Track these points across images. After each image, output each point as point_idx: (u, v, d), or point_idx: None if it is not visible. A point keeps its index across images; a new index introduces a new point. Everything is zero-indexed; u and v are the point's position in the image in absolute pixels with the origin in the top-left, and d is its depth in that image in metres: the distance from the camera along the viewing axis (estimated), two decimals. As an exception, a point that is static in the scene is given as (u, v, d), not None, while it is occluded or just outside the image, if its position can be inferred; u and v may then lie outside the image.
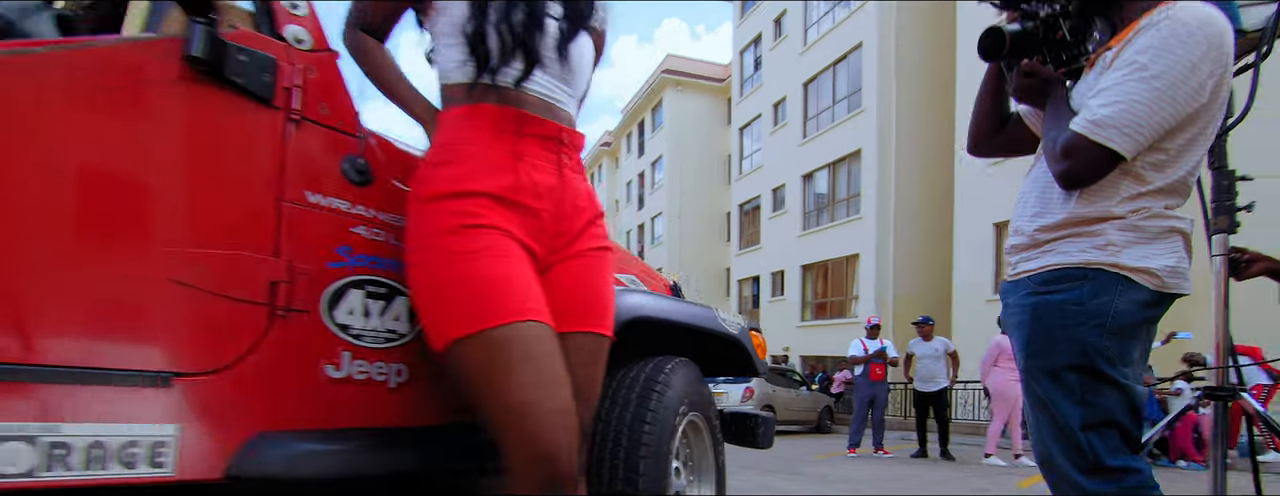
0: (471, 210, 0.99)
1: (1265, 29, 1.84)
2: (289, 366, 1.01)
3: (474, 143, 1.04)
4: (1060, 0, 1.34)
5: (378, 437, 1.10)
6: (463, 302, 0.95)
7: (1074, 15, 1.35)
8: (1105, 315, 1.17)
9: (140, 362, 0.88)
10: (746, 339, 1.85)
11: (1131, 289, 1.17)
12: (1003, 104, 1.55)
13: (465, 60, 1.05)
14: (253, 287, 0.96)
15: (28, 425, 0.80)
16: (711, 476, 1.81)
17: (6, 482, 0.79)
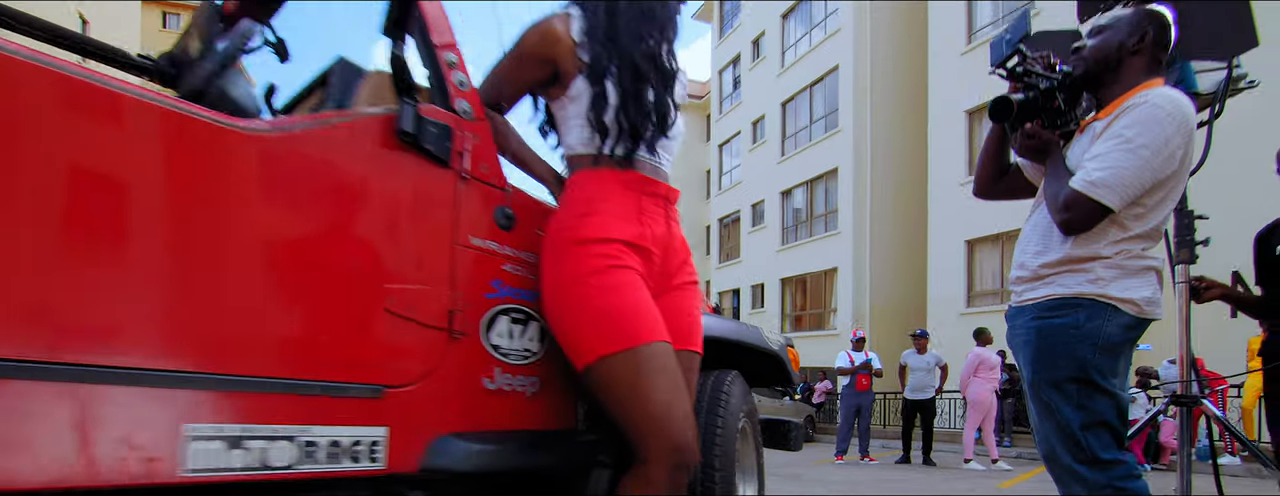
0: (613, 254, 1.23)
1: (1217, 92, 2.19)
2: (459, 380, 1.24)
3: (608, 199, 1.28)
4: (1057, 77, 1.64)
5: (521, 438, 1.33)
6: (611, 327, 1.20)
7: (1068, 89, 1.65)
8: (1097, 336, 1.46)
9: (364, 377, 1.10)
10: (784, 355, 2.11)
11: (1117, 315, 1.46)
12: (1004, 157, 1.84)
13: (592, 137, 1.30)
14: (437, 315, 1.19)
15: (290, 428, 1.02)
16: (754, 477, 2.06)
17: (274, 474, 1.00)
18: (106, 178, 0.87)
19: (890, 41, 15.54)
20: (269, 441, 0.98)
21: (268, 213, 1.02)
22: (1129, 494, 1.44)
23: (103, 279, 0.85)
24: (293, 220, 1.04)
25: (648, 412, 1.18)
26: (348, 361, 1.09)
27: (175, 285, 0.91)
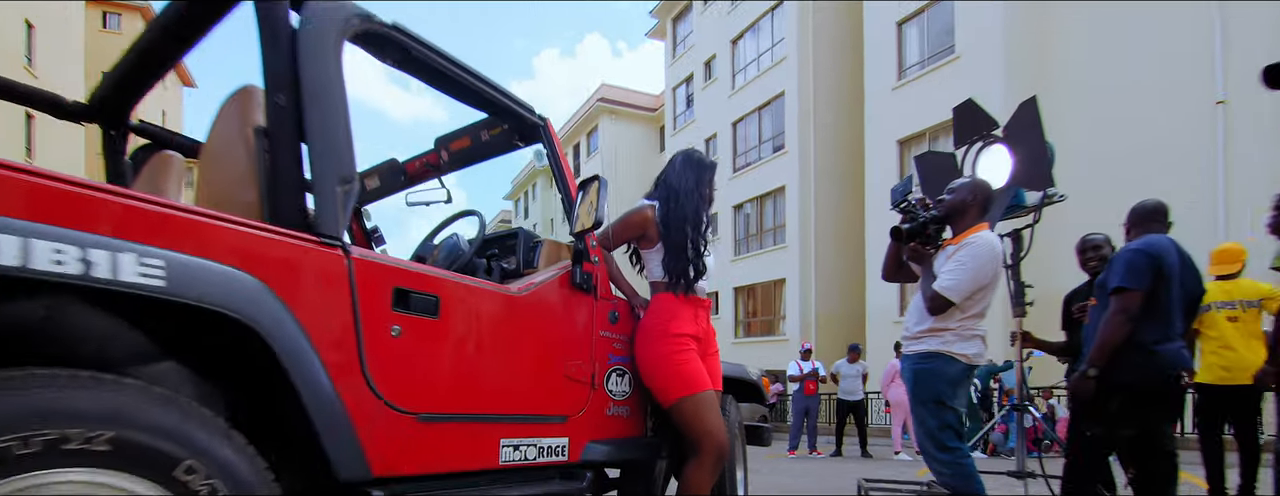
0: (687, 343, 2.24)
1: (1037, 206, 3.35)
2: (596, 411, 2.21)
3: (680, 312, 2.28)
4: (929, 215, 2.73)
5: (624, 442, 2.31)
6: (686, 381, 2.19)
7: (936, 223, 2.74)
8: (946, 375, 2.54)
9: (559, 411, 2.07)
10: (760, 383, 3.15)
11: (956, 363, 2.55)
12: (899, 259, 2.93)
13: (665, 275, 2.30)
14: (586, 376, 2.17)
15: (532, 439, 1.97)
16: (742, 465, 3.09)
17: (528, 463, 1.95)
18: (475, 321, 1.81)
19: (831, 73, 16.99)
20: (527, 446, 1.94)
21: (520, 328, 1.97)
22: (963, 468, 2.53)
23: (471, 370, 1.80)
24: (529, 331, 2.00)
25: (706, 429, 2.18)
26: (553, 403, 2.05)
27: (494, 369, 1.86)
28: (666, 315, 2.28)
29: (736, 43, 20.26)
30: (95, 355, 1.15)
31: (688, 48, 23.32)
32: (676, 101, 24.58)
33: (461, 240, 2.33)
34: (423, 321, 1.63)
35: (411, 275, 1.63)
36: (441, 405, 1.68)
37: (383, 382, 1.50)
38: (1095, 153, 11.02)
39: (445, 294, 1.70)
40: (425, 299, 1.64)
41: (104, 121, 2.15)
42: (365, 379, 1.46)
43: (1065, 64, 11.97)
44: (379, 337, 1.51)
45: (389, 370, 1.52)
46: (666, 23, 24.82)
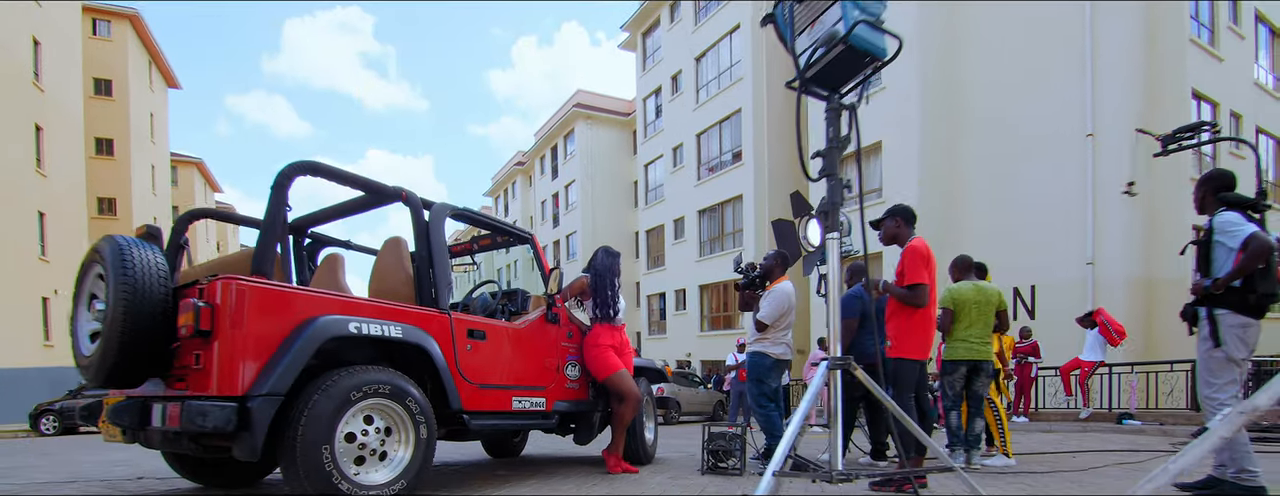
0: (607, 348, 4.19)
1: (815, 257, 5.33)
2: (561, 384, 4.14)
3: (603, 333, 4.22)
4: (757, 276, 4.70)
5: (578, 402, 4.24)
6: (607, 367, 4.13)
7: (760, 279, 4.71)
8: (764, 365, 4.53)
9: (540, 384, 4.00)
10: (662, 370, 5.10)
11: (769, 357, 4.53)
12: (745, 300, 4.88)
13: (597, 315, 4.25)
14: (556, 367, 4.10)
15: (531, 399, 3.90)
16: (653, 420, 5.05)
17: (530, 409, 3.89)
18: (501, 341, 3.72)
19: (782, 93, 18.97)
20: (525, 400, 3.87)
21: (522, 343, 3.90)
22: (771, 420, 4.51)
23: (499, 364, 3.72)
24: (526, 344, 3.92)
25: (624, 389, 4.14)
26: (537, 380, 3.98)
27: (510, 364, 3.78)
28: (596, 334, 4.23)
29: (700, 60, 22.13)
30: (368, 360, 3.05)
31: (657, 62, 25.11)
32: (646, 111, 26.38)
33: (486, 297, 4.23)
34: (479, 343, 3.54)
35: (473, 322, 3.54)
36: (487, 380, 3.59)
37: (464, 370, 3.40)
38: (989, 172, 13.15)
39: (487, 328, 3.61)
40: (479, 332, 3.54)
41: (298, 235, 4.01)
42: (458, 368, 3.36)
43: (969, 95, 14.08)
44: (462, 350, 3.41)
45: (466, 364, 3.43)
46: (637, 36, 26.56)
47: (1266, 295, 3.02)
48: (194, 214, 3.59)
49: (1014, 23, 13.44)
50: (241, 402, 2.45)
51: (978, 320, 4.31)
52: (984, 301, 4.34)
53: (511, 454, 5.49)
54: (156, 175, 33.33)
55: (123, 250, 2.58)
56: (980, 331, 4.31)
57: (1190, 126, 3.13)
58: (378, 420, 2.87)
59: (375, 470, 2.85)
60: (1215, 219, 3.14)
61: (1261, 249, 2.92)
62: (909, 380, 3.65)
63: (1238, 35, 13.85)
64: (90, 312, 2.77)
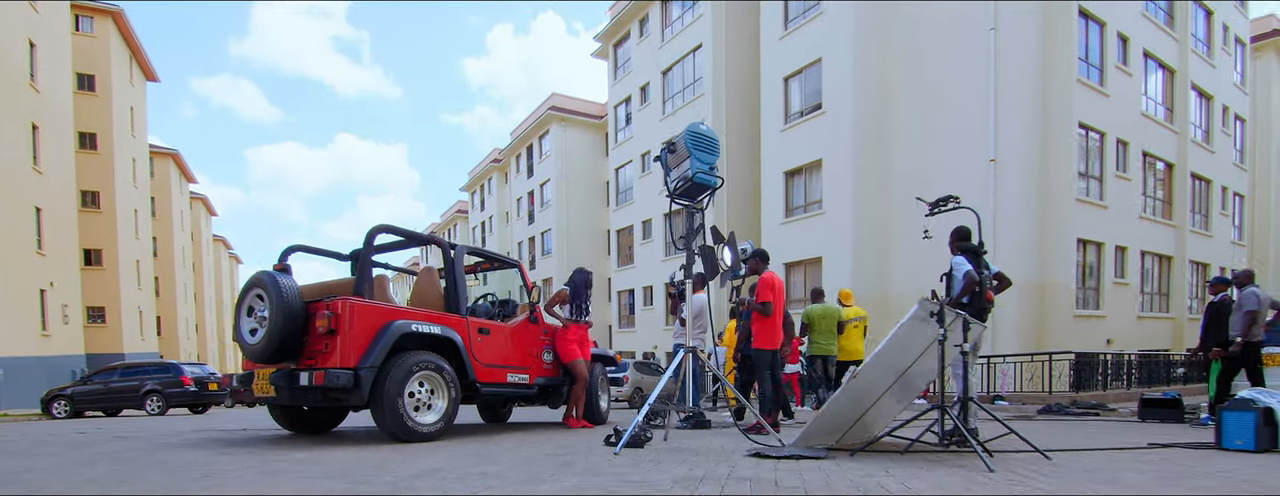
0: (578, 341, 5.97)
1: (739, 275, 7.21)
2: (540, 364, 5.92)
3: (573, 329, 6.00)
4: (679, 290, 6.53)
5: (551, 378, 6.03)
6: (571, 355, 5.91)
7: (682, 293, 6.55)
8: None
9: (532, 363, 5.77)
10: (613, 357, 6.90)
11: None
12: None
13: (573, 316, 6.03)
14: (538, 352, 5.88)
15: (515, 375, 5.68)
16: (607, 394, 6.87)
17: (519, 384, 5.67)
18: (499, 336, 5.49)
19: (739, 111, 20.86)
20: (515, 376, 5.64)
21: (514, 337, 5.67)
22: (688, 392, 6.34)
23: (499, 351, 5.48)
24: (516, 338, 5.69)
25: (579, 371, 5.92)
26: (523, 362, 5.75)
27: (506, 350, 5.54)
28: (567, 330, 5.99)
29: (666, 74, 23.89)
30: (420, 347, 4.80)
31: (627, 72, 26.78)
32: (617, 117, 28.05)
33: (487, 305, 5.96)
34: (485, 336, 5.30)
35: (481, 323, 5.30)
36: (491, 361, 5.35)
37: (476, 354, 5.16)
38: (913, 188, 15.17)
39: (491, 327, 5.38)
40: (486, 329, 5.30)
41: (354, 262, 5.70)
42: (473, 353, 5.12)
43: (896, 121, 16.12)
44: (475, 342, 5.16)
45: (477, 351, 5.18)
46: (609, 47, 28.18)
47: (980, 309, 4.92)
48: (293, 248, 5.25)
49: (933, 58, 15.47)
50: (355, 371, 4.18)
51: (822, 328, 6.24)
52: (827, 316, 6.30)
53: (501, 420, 7.25)
54: (137, 168, 34.02)
55: (277, 279, 4.28)
56: (825, 336, 6.25)
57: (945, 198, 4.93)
58: (427, 384, 4.62)
59: (426, 415, 4.61)
60: (953, 259, 5.02)
61: (971, 281, 4.81)
62: (763, 362, 5.51)
63: (1125, 73, 16.04)
64: (250, 318, 4.46)
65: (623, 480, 2.73)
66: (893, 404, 4.24)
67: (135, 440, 5.20)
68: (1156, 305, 18.32)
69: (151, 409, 14.51)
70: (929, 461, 3.41)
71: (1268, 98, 25.02)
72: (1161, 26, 17.40)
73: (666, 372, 4.24)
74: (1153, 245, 17.60)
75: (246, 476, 2.86)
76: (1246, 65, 22.83)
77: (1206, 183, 20.00)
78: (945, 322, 3.35)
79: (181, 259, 43.07)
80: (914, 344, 3.61)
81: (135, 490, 2.55)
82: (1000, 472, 2.97)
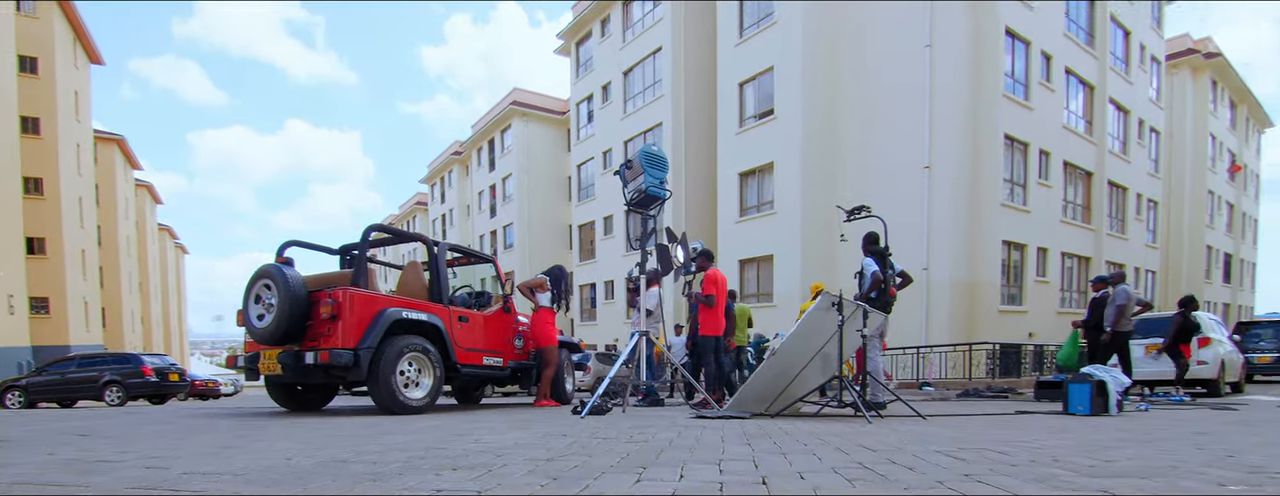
0: (552, 324, 6.71)
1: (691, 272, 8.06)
2: (511, 350, 6.64)
3: (549, 315, 6.74)
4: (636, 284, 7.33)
5: (521, 361, 6.75)
6: (546, 340, 6.65)
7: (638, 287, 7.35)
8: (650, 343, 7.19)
9: (505, 348, 6.49)
10: (579, 344, 7.66)
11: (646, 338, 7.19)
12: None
13: (552, 303, 6.77)
14: (511, 338, 6.60)
15: (494, 359, 6.39)
16: (568, 378, 7.63)
17: (495, 368, 6.38)
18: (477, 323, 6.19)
19: (697, 113, 21.76)
20: (491, 359, 6.35)
21: (489, 325, 6.38)
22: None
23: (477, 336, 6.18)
24: (491, 325, 6.40)
25: (551, 356, 6.67)
26: (498, 347, 6.47)
27: (483, 336, 6.25)
28: (545, 315, 6.72)
29: (628, 74, 24.61)
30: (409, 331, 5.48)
31: (589, 71, 27.38)
32: (579, 115, 28.63)
33: (464, 296, 6.64)
34: (464, 324, 5.99)
35: (461, 311, 5.99)
36: (470, 346, 6.05)
37: (457, 339, 5.85)
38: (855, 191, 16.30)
39: (469, 315, 6.08)
40: (465, 317, 6.00)
41: (343, 256, 6.31)
42: (454, 338, 5.81)
43: (842, 132, 17.25)
44: (456, 328, 5.86)
45: (458, 336, 5.87)
46: (571, 44, 28.71)
47: (886, 302, 5.86)
48: (289, 243, 5.83)
49: (877, 70, 16.63)
50: (355, 352, 4.84)
51: (741, 324, 7.22)
52: (742, 315, 7.31)
53: (475, 401, 7.94)
54: (81, 154, 33.03)
55: (284, 271, 4.91)
56: (741, 331, 7.25)
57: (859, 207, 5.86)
58: (415, 364, 5.31)
59: (414, 391, 5.29)
60: (863, 260, 5.95)
61: (877, 280, 5.73)
62: (708, 347, 6.36)
63: (1048, 89, 17.52)
64: (258, 305, 5.07)
65: (588, 431, 3.51)
66: (816, 376, 5.12)
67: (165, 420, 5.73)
68: (1075, 302, 20.00)
69: (111, 400, 14.58)
70: (829, 419, 4.29)
71: (1181, 112, 27.23)
72: (1082, 46, 18.97)
73: (623, 355, 5.03)
74: (1072, 247, 19.21)
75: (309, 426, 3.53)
76: (1161, 82, 24.85)
77: (1123, 190, 21.79)
78: (844, 312, 4.22)
79: (126, 248, 41.90)
80: (825, 328, 4.47)
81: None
82: (877, 424, 3.86)
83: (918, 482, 1.79)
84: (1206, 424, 4.22)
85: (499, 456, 2.39)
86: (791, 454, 2.45)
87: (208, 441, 3.27)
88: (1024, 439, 3.14)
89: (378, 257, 6.38)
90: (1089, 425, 4.16)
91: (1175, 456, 2.42)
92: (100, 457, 2.52)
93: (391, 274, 7.84)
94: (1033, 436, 3.29)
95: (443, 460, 2.28)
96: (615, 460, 2.27)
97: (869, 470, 2.04)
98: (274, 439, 3.29)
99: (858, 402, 4.32)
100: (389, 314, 5.09)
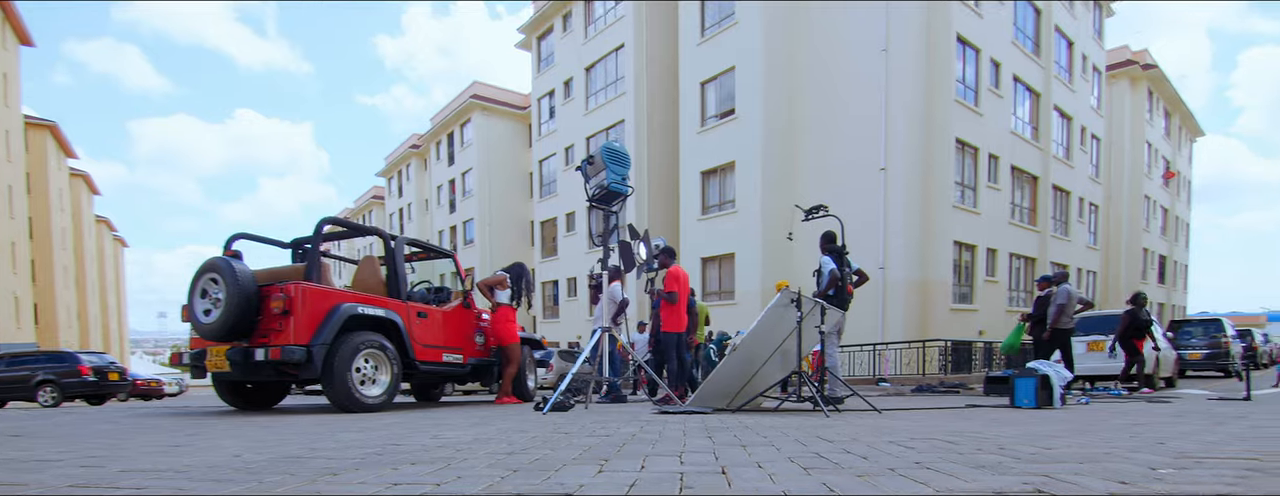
0: (513, 321, 6.64)
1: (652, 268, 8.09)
2: (471, 346, 6.56)
3: (509, 312, 6.67)
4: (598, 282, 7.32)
5: (482, 358, 6.67)
6: (508, 337, 6.58)
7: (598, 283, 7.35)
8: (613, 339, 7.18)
9: (465, 345, 6.40)
10: (541, 341, 7.61)
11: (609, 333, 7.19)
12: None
13: (511, 300, 6.69)
14: (471, 335, 6.51)
15: (454, 356, 6.30)
16: (531, 375, 7.58)
17: (455, 365, 6.29)
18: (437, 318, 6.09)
19: (660, 110, 21.81)
20: (450, 356, 6.26)
21: (449, 320, 6.28)
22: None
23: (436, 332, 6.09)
24: (451, 321, 6.30)
25: (514, 354, 6.60)
26: (457, 343, 6.38)
27: (442, 332, 6.15)
28: (506, 312, 6.64)
29: (590, 70, 24.50)
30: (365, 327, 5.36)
31: (551, 65, 27.15)
32: (541, 110, 28.37)
33: (423, 291, 6.52)
34: (423, 320, 5.89)
35: (421, 306, 5.89)
36: (429, 342, 5.95)
37: (416, 336, 5.75)
38: (814, 191, 16.60)
39: (428, 311, 5.98)
40: (423, 313, 5.90)
41: (295, 250, 6.13)
42: (413, 334, 5.71)
43: (801, 132, 17.53)
44: (414, 324, 5.75)
45: (416, 332, 5.77)
46: (532, 39, 28.41)
47: (843, 299, 5.99)
48: (238, 235, 5.63)
49: (835, 73, 16.95)
50: (308, 348, 4.71)
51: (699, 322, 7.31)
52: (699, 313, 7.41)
53: (434, 400, 7.82)
54: (10, 140, 31.28)
55: (232, 264, 4.74)
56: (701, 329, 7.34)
57: (816, 206, 5.98)
58: (372, 361, 5.19)
59: (371, 389, 5.18)
60: (821, 258, 6.06)
61: (834, 277, 5.86)
62: (670, 343, 6.40)
63: (996, 95, 18.15)
64: (204, 299, 4.88)
65: (550, 426, 3.49)
66: (776, 372, 5.20)
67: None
68: (1022, 301, 20.77)
69: (45, 401, 13.86)
70: (789, 414, 4.37)
71: (1119, 120, 28.53)
72: (1029, 54, 19.70)
73: (584, 351, 5.02)
74: (1019, 248, 19.95)
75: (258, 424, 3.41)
76: (1102, 91, 26.00)
77: (1066, 194, 22.72)
78: (802, 309, 4.30)
79: (61, 241, 39.83)
80: (783, 325, 4.55)
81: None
82: (835, 418, 3.95)
83: (869, 469, 1.84)
84: (1142, 415, 4.44)
85: (458, 451, 2.36)
86: (751, 446, 2.49)
87: (152, 440, 3.14)
88: (973, 429, 3.25)
89: (333, 252, 6.21)
90: (1034, 417, 4.33)
91: (1111, 444, 2.54)
92: (37, 457, 2.40)
93: (347, 270, 7.65)
94: (981, 427, 3.41)
95: (400, 455, 2.25)
96: (577, 453, 2.27)
97: (824, 459, 2.08)
98: (221, 437, 3.18)
99: (817, 397, 4.41)
100: (344, 309, 4.97)
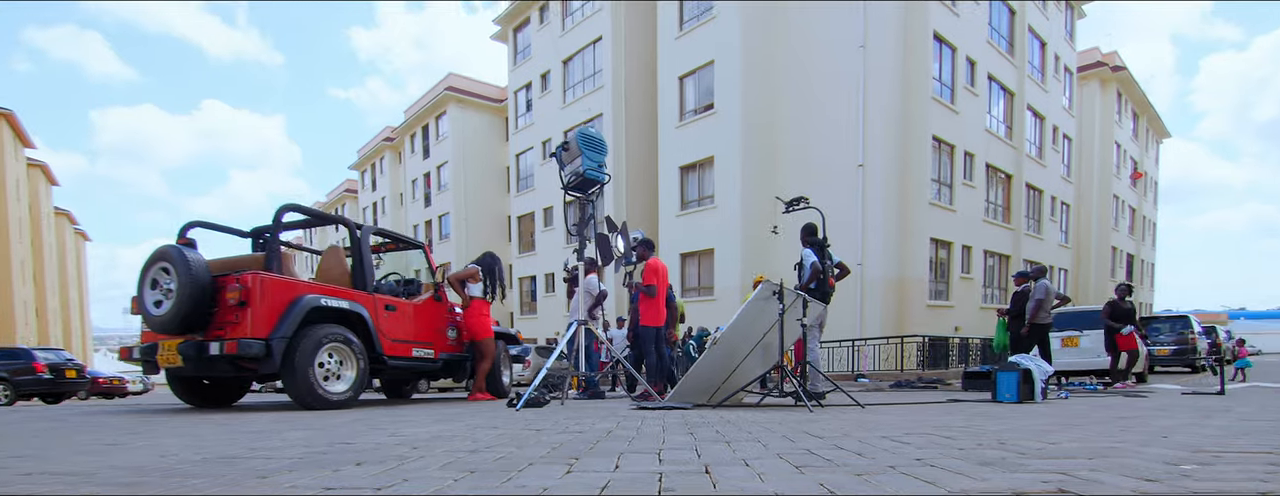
0: (488, 316, 6.40)
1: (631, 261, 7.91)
2: (443, 341, 6.32)
3: (484, 306, 6.43)
4: (571, 276, 7.12)
5: (456, 353, 6.44)
6: (482, 331, 6.35)
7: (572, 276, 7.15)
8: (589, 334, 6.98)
9: (436, 339, 6.16)
10: (517, 335, 7.39)
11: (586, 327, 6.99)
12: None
13: (485, 294, 6.46)
14: (443, 329, 6.27)
15: (425, 350, 6.06)
16: (505, 370, 7.35)
17: (426, 361, 6.05)
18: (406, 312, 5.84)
19: (638, 104, 21.62)
20: (421, 351, 6.02)
21: (419, 314, 6.04)
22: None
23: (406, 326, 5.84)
24: (422, 315, 6.06)
25: (488, 349, 6.37)
26: (428, 338, 6.13)
27: (412, 326, 5.91)
28: (479, 306, 6.40)
29: (567, 63, 24.19)
30: (329, 320, 5.09)
31: (527, 58, 26.74)
32: (518, 103, 27.95)
33: (392, 283, 6.26)
34: (392, 313, 5.64)
35: (389, 299, 5.64)
36: (398, 336, 5.70)
37: (384, 329, 5.50)
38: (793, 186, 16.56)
39: (397, 304, 5.73)
40: (392, 306, 5.65)
41: (257, 239, 5.83)
42: (381, 327, 5.46)
43: (780, 128, 17.47)
44: (382, 317, 5.50)
45: (384, 326, 5.52)
46: (509, 31, 27.98)
47: (825, 292, 5.86)
48: (192, 224, 5.32)
49: (813, 69, 16.91)
50: (267, 342, 4.44)
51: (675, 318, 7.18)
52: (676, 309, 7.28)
53: (404, 396, 7.55)
54: (-37, 130, 30.02)
55: (184, 253, 4.45)
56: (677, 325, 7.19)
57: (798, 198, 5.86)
58: (336, 356, 4.94)
59: (335, 385, 4.93)
60: (803, 251, 5.94)
61: (816, 270, 5.73)
62: (649, 338, 6.23)
63: (972, 94, 18.28)
64: (155, 290, 4.59)
65: (521, 423, 3.30)
66: (757, 366, 5.05)
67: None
68: (996, 298, 21.00)
69: (-5, 398, 13.25)
70: (771, 409, 4.23)
71: (1090, 120, 29.04)
72: (1003, 54, 19.88)
73: (559, 345, 4.82)
74: (993, 245, 20.15)
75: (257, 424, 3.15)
76: (1073, 91, 26.40)
77: (1039, 192, 23.02)
78: (785, 302, 4.16)
79: (18, 233, 38.40)
80: (765, 318, 4.40)
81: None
82: (818, 412, 3.81)
83: (867, 467, 1.69)
84: (1125, 409, 4.38)
85: (414, 449, 2.16)
86: (736, 442, 2.32)
87: (91, 439, 2.89)
88: (962, 424, 3.13)
89: (301, 244, 5.85)
90: (1017, 411, 4.24)
91: (1111, 438, 2.43)
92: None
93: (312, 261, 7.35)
94: (970, 421, 3.30)
95: (347, 455, 2.04)
96: (546, 451, 2.09)
97: (816, 456, 1.93)
98: (166, 435, 2.94)
99: (800, 392, 4.28)
100: (306, 300, 4.71)
